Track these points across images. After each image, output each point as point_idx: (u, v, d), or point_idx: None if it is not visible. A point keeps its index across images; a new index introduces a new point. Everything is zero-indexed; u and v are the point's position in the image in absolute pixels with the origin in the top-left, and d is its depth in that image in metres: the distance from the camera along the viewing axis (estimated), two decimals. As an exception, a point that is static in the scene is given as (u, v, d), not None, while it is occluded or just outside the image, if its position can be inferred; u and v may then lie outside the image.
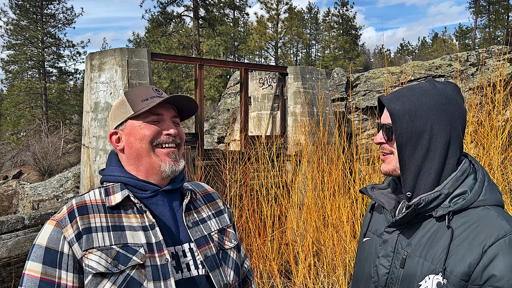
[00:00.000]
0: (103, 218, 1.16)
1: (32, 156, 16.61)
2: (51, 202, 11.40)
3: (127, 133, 1.27)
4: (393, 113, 1.14)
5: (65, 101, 26.26)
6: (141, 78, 7.21)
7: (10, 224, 5.94)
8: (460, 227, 1.08)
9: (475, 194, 1.10)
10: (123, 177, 1.25)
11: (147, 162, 1.26)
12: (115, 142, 1.30)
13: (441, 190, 1.11)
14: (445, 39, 42.43)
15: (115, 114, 1.31)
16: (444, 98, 1.15)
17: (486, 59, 10.23)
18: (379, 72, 11.52)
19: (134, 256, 1.12)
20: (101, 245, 1.12)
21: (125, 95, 1.30)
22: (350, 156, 5.50)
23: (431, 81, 1.21)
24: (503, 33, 32.70)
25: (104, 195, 1.22)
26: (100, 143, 7.31)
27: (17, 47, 24.69)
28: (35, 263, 1.09)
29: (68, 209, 1.16)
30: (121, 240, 1.14)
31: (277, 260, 4.80)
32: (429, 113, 1.13)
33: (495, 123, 4.70)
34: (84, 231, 1.12)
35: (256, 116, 10.49)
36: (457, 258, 1.04)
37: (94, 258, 1.10)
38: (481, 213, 1.07)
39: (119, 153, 1.32)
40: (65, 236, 1.11)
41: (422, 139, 1.13)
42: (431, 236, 1.12)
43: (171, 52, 20.48)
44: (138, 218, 1.19)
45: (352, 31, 36.34)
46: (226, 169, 6.23)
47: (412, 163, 1.14)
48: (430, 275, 1.07)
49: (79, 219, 1.13)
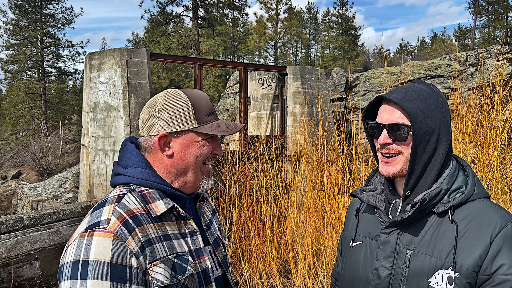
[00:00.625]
0: (154, 228, 1.11)
1: (31, 156, 16.59)
2: (50, 202, 11.39)
3: (183, 144, 1.20)
4: (411, 113, 1.13)
5: (64, 101, 26.24)
6: (140, 78, 7.21)
7: (10, 224, 5.93)
8: (462, 220, 1.11)
9: (471, 188, 1.15)
10: (161, 185, 1.18)
11: (191, 177, 1.23)
12: (162, 145, 1.20)
13: (441, 186, 1.14)
14: (444, 39, 42.47)
15: (171, 116, 1.19)
16: (443, 99, 1.19)
17: (485, 59, 10.24)
18: (378, 72, 11.53)
19: (188, 266, 1.12)
20: (161, 257, 1.08)
21: (189, 100, 1.20)
22: (349, 156, 5.50)
23: (424, 82, 1.23)
24: (502, 33, 32.73)
25: (143, 203, 1.14)
26: (99, 143, 7.30)
27: (16, 47, 24.66)
28: (101, 281, 0.97)
29: (119, 219, 1.06)
30: (172, 249, 1.12)
31: (277, 260, 4.80)
32: (437, 113, 1.16)
33: (494, 123, 4.70)
34: (146, 243, 1.06)
35: (256, 116, 10.49)
36: (466, 250, 1.07)
37: (160, 271, 1.06)
38: (479, 206, 1.13)
39: (153, 154, 1.22)
40: (130, 249, 1.02)
41: (432, 139, 1.15)
42: (435, 232, 1.13)
43: (171, 52, 20.47)
44: (177, 226, 1.18)
45: (351, 31, 36.36)
46: (225, 169, 6.23)
47: (421, 162, 1.16)
48: (440, 270, 1.09)
49: (138, 231, 1.07)
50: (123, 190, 1.16)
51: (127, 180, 1.17)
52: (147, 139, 1.22)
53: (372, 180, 1.35)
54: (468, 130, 4.78)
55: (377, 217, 1.26)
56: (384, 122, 1.19)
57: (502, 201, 4.37)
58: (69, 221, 6.71)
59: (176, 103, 1.19)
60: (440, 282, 1.08)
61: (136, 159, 1.20)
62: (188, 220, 1.20)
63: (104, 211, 1.08)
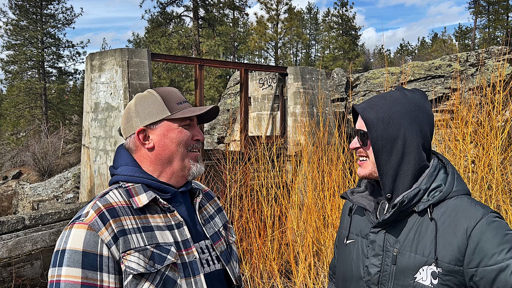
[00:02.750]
0: (132, 220, 1.16)
1: (32, 157, 16.60)
2: (51, 203, 11.40)
3: (161, 134, 1.26)
4: (368, 121, 1.23)
5: (64, 101, 26.27)
6: (141, 79, 7.22)
7: (11, 224, 5.94)
8: (441, 217, 1.16)
9: (449, 186, 1.20)
10: (145, 179, 1.24)
11: (178, 165, 1.28)
12: (141, 140, 1.27)
13: (420, 186, 1.20)
14: (444, 39, 42.46)
15: (145, 111, 1.27)
16: (413, 105, 1.23)
17: (486, 60, 10.25)
18: (379, 72, 11.53)
19: (168, 255, 1.15)
20: (137, 246, 1.12)
21: (157, 93, 1.29)
22: (350, 156, 5.51)
23: (401, 89, 1.29)
24: (502, 34, 32.73)
25: (126, 197, 1.20)
26: (100, 144, 7.31)
27: (17, 47, 24.67)
28: (73, 268, 1.06)
29: (96, 212, 1.13)
30: (153, 240, 1.15)
31: (277, 260, 4.80)
32: (401, 120, 1.21)
33: (494, 124, 4.71)
34: (120, 233, 1.11)
35: (256, 116, 10.50)
36: (446, 246, 1.12)
37: (133, 259, 1.10)
38: (456, 202, 1.18)
39: (137, 151, 1.29)
40: (102, 239, 1.09)
41: (396, 144, 1.21)
42: (417, 230, 1.19)
43: (171, 52, 20.48)
44: (163, 218, 1.21)
45: (351, 31, 36.36)
46: (226, 170, 6.24)
47: (389, 167, 1.22)
48: (424, 266, 1.14)
49: (112, 222, 1.12)
50: (111, 187, 1.24)
51: (117, 178, 1.26)
52: (129, 139, 1.30)
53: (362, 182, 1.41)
54: (468, 131, 4.78)
55: (366, 217, 1.33)
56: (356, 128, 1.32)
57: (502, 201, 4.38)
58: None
59: (147, 99, 1.28)
60: (425, 278, 1.14)
61: (123, 159, 1.29)
62: (171, 212, 1.23)
63: (87, 206, 1.16)
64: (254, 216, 5.10)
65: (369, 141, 1.25)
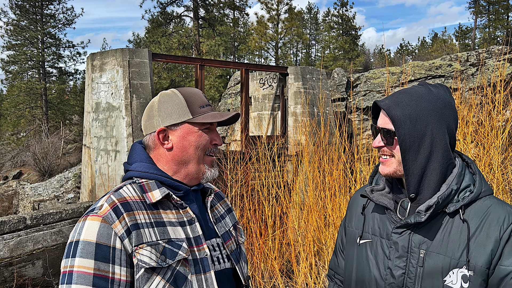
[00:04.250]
0: (146, 214, 1.17)
1: (32, 157, 16.61)
2: (51, 203, 11.41)
3: (181, 136, 1.28)
4: (395, 119, 1.17)
5: (65, 102, 26.26)
6: (142, 79, 7.22)
7: (12, 224, 5.96)
8: (473, 219, 1.13)
9: (479, 186, 1.17)
10: (159, 176, 1.26)
11: (193, 167, 1.30)
12: (161, 139, 1.29)
13: (451, 186, 1.16)
14: (445, 39, 42.46)
15: (167, 111, 1.28)
16: (440, 101, 1.18)
17: (486, 59, 10.25)
18: (379, 72, 11.54)
19: (180, 251, 1.16)
20: (149, 241, 1.13)
21: (181, 94, 1.30)
22: (350, 156, 5.51)
23: (425, 84, 1.24)
24: (503, 33, 32.72)
25: (140, 192, 1.21)
26: (101, 144, 7.32)
27: (17, 47, 24.67)
28: (86, 259, 1.07)
29: (110, 205, 1.14)
30: (165, 235, 1.17)
31: (279, 259, 4.81)
32: (428, 118, 1.16)
33: (495, 123, 4.71)
34: (133, 227, 1.13)
35: (257, 116, 10.51)
36: (479, 248, 1.09)
37: (146, 253, 1.11)
38: (487, 203, 1.15)
39: (155, 149, 1.31)
40: (115, 231, 1.10)
41: (424, 142, 1.16)
42: (447, 231, 1.15)
43: (171, 52, 20.48)
44: (175, 214, 1.23)
45: (351, 31, 36.37)
46: (227, 169, 6.24)
47: (416, 166, 1.18)
48: (454, 269, 1.11)
49: (126, 215, 1.13)
50: (126, 183, 1.25)
51: (131, 174, 1.27)
52: (149, 137, 1.31)
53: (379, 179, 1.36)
54: (469, 130, 4.79)
55: (386, 216, 1.27)
56: (378, 126, 1.25)
57: (503, 201, 4.38)
58: (71, 221, 6.73)
59: (170, 100, 1.29)
60: (454, 281, 1.11)
61: (139, 155, 1.30)
62: (184, 208, 1.24)
63: (102, 200, 1.18)
64: (255, 215, 5.11)
65: (396, 140, 1.20)
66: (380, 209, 1.31)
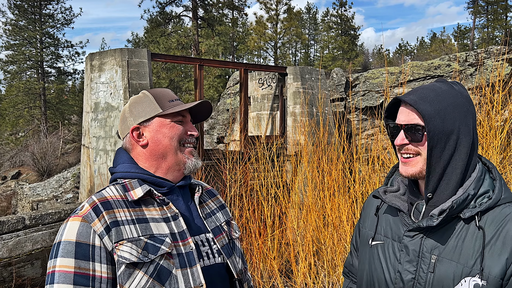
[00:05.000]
0: (127, 212, 1.19)
1: (31, 157, 16.58)
2: (50, 203, 11.39)
3: (154, 130, 1.31)
4: (425, 114, 1.11)
5: (63, 101, 26.20)
6: (141, 79, 7.22)
7: (11, 224, 5.95)
8: (489, 226, 1.08)
9: (498, 193, 1.11)
10: (140, 174, 1.28)
11: (172, 159, 1.32)
12: (136, 137, 1.32)
13: (468, 191, 1.11)
14: (443, 39, 42.50)
15: (138, 110, 1.33)
16: (464, 98, 1.15)
17: (485, 59, 10.27)
18: (378, 72, 11.55)
19: (162, 246, 1.17)
20: (130, 237, 1.15)
21: (150, 93, 1.34)
22: (349, 156, 5.52)
23: (445, 81, 1.20)
24: (501, 34, 32.77)
25: (122, 191, 1.24)
26: (100, 143, 7.32)
27: (16, 47, 24.62)
28: (66, 258, 1.09)
29: (91, 205, 1.17)
30: (147, 231, 1.18)
31: (278, 259, 4.81)
32: (456, 114, 1.12)
33: (493, 123, 4.72)
34: (112, 224, 1.14)
35: (256, 116, 10.51)
36: (493, 258, 1.04)
37: (126, 249, 1.13)
38: (505, 211, 1.09)
39: (133, 150, 1.34)
40: (94, 230, 1.12)
41: (450, 139, 1.12)
42: (461, 238, 1.10)
43: (170, 52, 20.47)
44: (159, 211, 1.24)
45: (350, 31, 36.38)
46: (226, 169, 6.25)
47: (439, 164, 1.13)
48: (466, 277, 1.06)
49: (105, 214, 1.15)
50: (109, 185, 1.28)
51: (115, 176, 1.30)
52: (126, 139, 1.35)
53: (394, 180, 1.32)
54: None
55: (399, 218, 1.24)
56: (401, 123, 1.18)
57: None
58: (70, 221, 6.72)
59: (140, 100, 1.34)
60: None
61: (121, 158, 1.34)
62: (167, 204, 1.25)
63: (85, 201, 1.21)
64: (254, 215, 5.11)
65: (425, 136, 1.13)
66: (394, 211, 1.28)
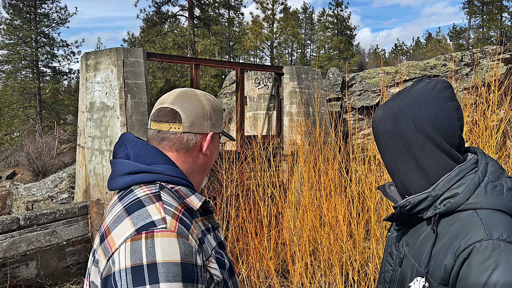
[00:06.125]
0: (200, 222, 1.10)
1: (26, 157, 16.49)
2: (45, 203, 11.33)
3: (215, 145, 1.25)
4: (374, 119, 1.21)
5: (59, 101, 26.09)
6: (137, 78, 7.19)
7: (5, 225, 5.90)
8: (443, 230, 1.04)
9: (463, 196, 1.02)
10: (186, 181, 1.14)
11: (204, 176, 1.29)
12: (207, 144, 1.20)
13: (430, 192, 1.07)
14: (439, 39, 42.68)
15: (217, 119, 1.22)
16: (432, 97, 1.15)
17: (480, 59, 10.32)
18: (374, 72, 11.57)
19: (225, 259, 1.11)
20: (211, 252, 1.06)
21: (220, 108, 1.26)
22: (346, 155, 5.53)
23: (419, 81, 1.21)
24: (496, 34, 32.96)
25: (178, 199, 1.08)
26: (96, 143, 7.28)
27: (11, 46, 24.48)
28: (174, 283, 0.90)
29: (175, 218, 1.00)
30: (212, 244, 1.09)
31: (274, 259, 4.81)
32: (407, 118, 1.12)
33: (489, 123, 4.74)
34: (202, 240, 1.04)
35: (252, 116, 10.50)
36: (437, 262, 1.00)
37: (214, 266, 1.04)
38: (466, 217, 1.01)
39: (187, 151, 1.17)
40: (193, 246, 0.97)
41: (398, 142, 1.13)
42: (424, 238, 1.09)
43: (166, 51, 20.42)
44: (204, 221, 1.16)
45: (346, 31, 36.46)
46: (222, 169, 6.23)
47: (396, 166, 1.16)
48: (418, 277, 1.05)
49: (194, 228, 1.03)
50: (152, 187, 1.07)
51: (154, 177, 1.08)
52: (192, 136, 1.16)
53: None
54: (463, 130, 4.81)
55: None
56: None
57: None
58: (65, 222, 6.68)
59: (217, 106, 1.23)
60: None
61: (159, 156, 1.12)
62: (212, 213, 1.20)
63: (152, 211, 0.99)
64: (251, 215, 5.10)
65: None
66: None
